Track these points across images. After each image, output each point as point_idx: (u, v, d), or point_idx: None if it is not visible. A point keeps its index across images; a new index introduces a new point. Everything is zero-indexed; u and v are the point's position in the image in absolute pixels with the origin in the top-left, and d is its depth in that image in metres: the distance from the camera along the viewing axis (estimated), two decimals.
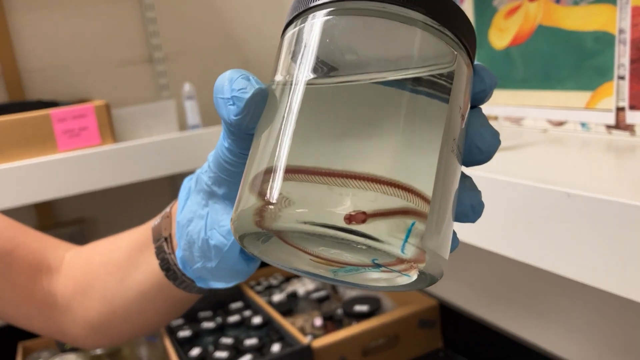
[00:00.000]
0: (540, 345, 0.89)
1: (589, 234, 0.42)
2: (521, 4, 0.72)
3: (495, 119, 0.77)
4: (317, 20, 0.24)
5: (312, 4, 0.24)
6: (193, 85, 1.19)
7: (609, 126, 0.62)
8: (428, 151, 0.22)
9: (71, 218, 1.29)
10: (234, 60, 1.41)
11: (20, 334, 1.09)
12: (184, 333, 1.11)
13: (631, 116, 0.59)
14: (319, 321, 1.08)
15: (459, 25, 0.24)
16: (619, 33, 0.60)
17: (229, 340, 1.06)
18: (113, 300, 0.45)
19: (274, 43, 1.43)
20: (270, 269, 1.36)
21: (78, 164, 0.98)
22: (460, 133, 0.24)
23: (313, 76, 0.23)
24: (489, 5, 0.77)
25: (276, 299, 1.20)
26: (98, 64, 1.28)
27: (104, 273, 0.45)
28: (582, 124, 0.65)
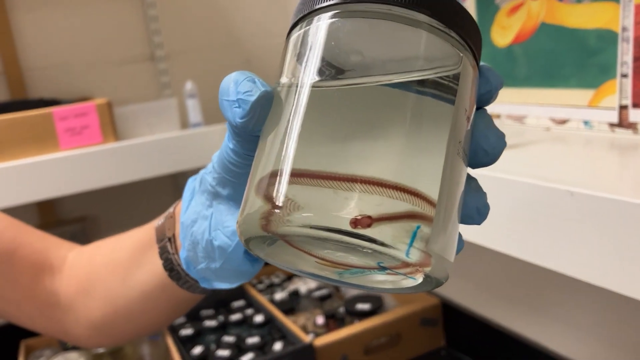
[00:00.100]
0: (543, 343, 0.88)
1: (592, 232, 0.42)
2: (524, 2, 0.72)
3: (498, 117, 0.77)
4: (323, 23, 0.24)
5: (317, 6, 0.24)
6: (195, 83, 1.19)
7: (612, 124, 0.62)
8: (434, 154, 0.22)
9: (73, 216, 1.30)
10: (235, 59, 1.41)
11: (22, 333, 1.09)
12: (186, 331, 1.11)
13: (634, 114, 0.59)
14: (321, 320, 1.08)
15: (464, 27, 0.24)
16: (622, 31, 0.60)
17: (231, 339, 1.06)
18: (116, 300, 0.45)
19: (276, 41, 1.43)
20: (272, 267, 1.36)
21: (80, 162, 0.98)
22: (465, 135, 0.24)
23: (318, 78, 0.23)
24: (491, 3, 0.77)
25: (278, 297, 1.20)
26: (100, 62, 1.28)
27: (107, 273, 0.45)
28: (585, 122, 0.65)
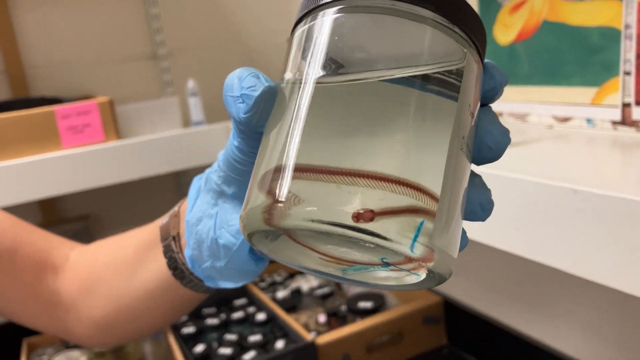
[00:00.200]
0: (545, 342, 0.88)
1: (595, 230, 0.42)
2: (526, 0, 0.72)
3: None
4: (327, 18, 0.24)
5: (322, 2, 0.24)
6: (197, 81, 1.19)
7: (614, 122, 0.61)
8: (437, 149, 0.22)
9: (75, 214, 1.30)
10: (238, 57, 1.41)
11: (24, 331, 1.09)
12: (188, 329, 1.11)
13: (637, 112, 0.59)
14: (323, 318, 1.09)
15: (468, 23, 0.24)
16: (625, 28, 0.59)
17: (233, 337, 1.06)
18: (119, 299, 0.44)
19: (278, 39, 1.42)
20: (274, 265, 1.36)
21: (82, 160, 0.98)
22: (469, 131, 0.24)
23: (323, 74, 0.23)
24: (493, 0, 0.77)
25: (280, 295, 1.20)
26: (102, 61, 1.28)
27: (110, 272, 0.45)
28: (588, 120, 0.65)
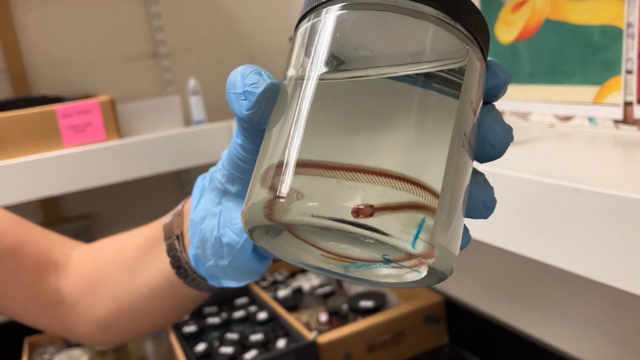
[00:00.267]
0: (546, 340, 0.88)
1: (597, 229, 0.42)
2: None
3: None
4: (330, 15, 0.24)
5: None
6: (198, 80, 1.19)
7: (616, 121, 0.61)
8: (438, 146, 0.22)
9: (77, 213, 1.30)
10: (239, 55, 1.41)
11: (26, 330, 1.10)
12: (190, 328, 1.11)
13: (639, 111, 0.59)
14: (324, 317, 1.09)
15: (471, 20, 0.24)
16: (627, 27, 0.59)
17: (235, 336, 1.06)
18: (121, 298, 0.45)
19: (279, 37, 1.42)
20: (276, 264, 1.36)
21: (83, 159, 0.98)
22: (471, 128, 0.24)
23: (325, 70, 0.23)
24: None
25: (281, 294, 1.20)
26: (103, 60, 1.28)
27: (113, 271, 0.45)
28: (590, 118, 0.65)
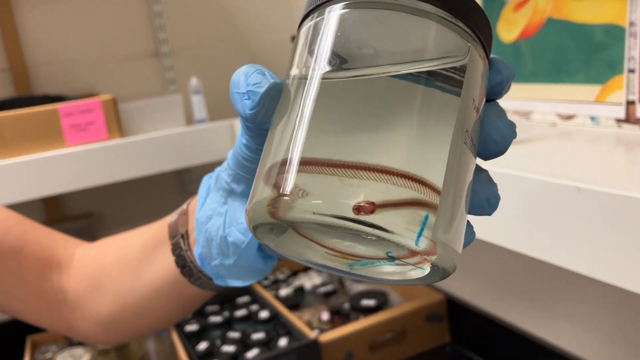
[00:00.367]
0: (548, 340, 0.88)
1: (599, 228, 0.42)
2: None
3: None
4: (334, 14, 0.24)
5: None
6: (200, 79, 1.19)
7: (618, 120, 0.61)
8: (440, 143, 0.22)
9: (79, 212, 1.30)
10: (241, 54, 1.41)
11: (29, 328, 1.10)
12: (191, 327, 1.11)
13: None
14: (326, 315, 1.09)
15: (472, 17, 0.24)
16: (630, 26, 0.59)
17: (236, 335, 1.06)
18: (125, 297, 0.45)
19: (281, 36, 1.42)
20: (277, 263, 1.36)
21: (85, 158, 0.98)
22: (474, 125, 0.24)
23: (328, 69, 0.23)
24: None
25: (283, 293, 1.20)
26: (105, 58, 1.28)
27: (116, 270, 0.45)
28: (592, 117, 0.65)
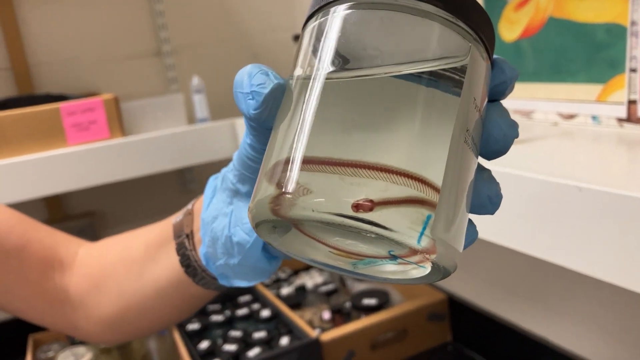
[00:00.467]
0: (550, 339, 0.88)
1: (601, 228, 0.42)
2: None
3: None
4: (338, 14, 0.24)
5: None
6: (201, 78, 1.19)
7: (620, 119, 0.61)
8: (440, 142, 0.22)
9: (81, 211, 1.30)
10: (242, 54, 1.41)
11: (30, 327, 1.10)
12: (193, 326, 1.11)
13: None
14: (327, 314, 1.09)
15: (473, 18, 0.24)
16: (631, 25, 0.59)
17: (238, 333, 1.06)
18: (128, 297, 0.45)
19: (283, 36, 1.42)
20: None
21: (87, 157, 0.98)
22: (475, 125, 0.24)
23: (332, 69, 0.23)
24: None
25: (285, 292, 1.21)
26: (107, 58, 1.28)
27: (120, 269, 0.45)
28: (593, 117, 0.65)
